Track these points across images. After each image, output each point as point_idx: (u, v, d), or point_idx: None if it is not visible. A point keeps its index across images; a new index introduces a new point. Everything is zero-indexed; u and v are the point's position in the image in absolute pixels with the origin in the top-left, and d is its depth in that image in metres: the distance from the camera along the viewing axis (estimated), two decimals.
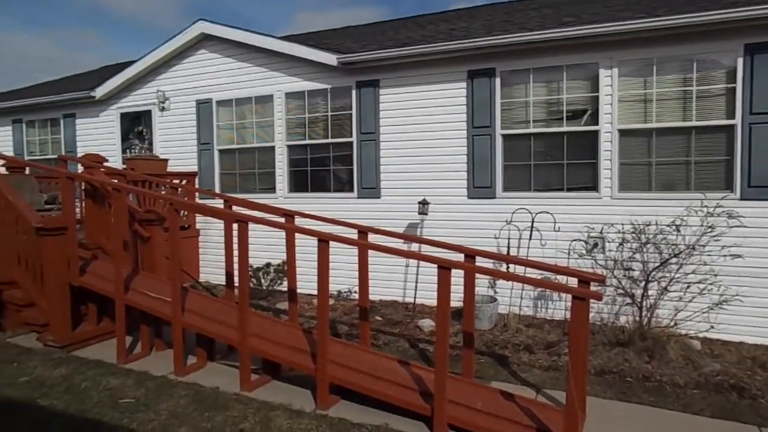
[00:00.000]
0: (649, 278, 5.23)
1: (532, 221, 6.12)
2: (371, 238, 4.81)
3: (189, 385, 4.27)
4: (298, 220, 5.25)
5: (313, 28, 12.31)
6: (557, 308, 6.21)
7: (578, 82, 6.20)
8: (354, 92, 7.36)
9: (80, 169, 7.35)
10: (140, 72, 9.00)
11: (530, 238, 6.11)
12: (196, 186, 8.55)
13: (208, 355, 4.86)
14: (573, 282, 3.53)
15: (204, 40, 8.48)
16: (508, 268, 5.91)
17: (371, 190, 7.31)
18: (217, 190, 8.43)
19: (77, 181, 6.29)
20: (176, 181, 8.16)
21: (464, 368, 4.22)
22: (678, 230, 5.23)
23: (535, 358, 4.96)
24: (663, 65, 5.79)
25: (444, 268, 3.45)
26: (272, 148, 8.04)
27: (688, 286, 5.24)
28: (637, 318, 5.25)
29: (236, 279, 5.06)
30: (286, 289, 5.65)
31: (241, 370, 4.27)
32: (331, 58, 7.19)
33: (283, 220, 5.13)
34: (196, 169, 8.65)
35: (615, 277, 5.43)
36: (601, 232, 5.89)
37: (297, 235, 4.81)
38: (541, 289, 6.27)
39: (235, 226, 4.40)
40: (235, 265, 5.01)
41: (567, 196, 6.25)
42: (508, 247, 6.19)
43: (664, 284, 5.20)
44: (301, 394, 4.14)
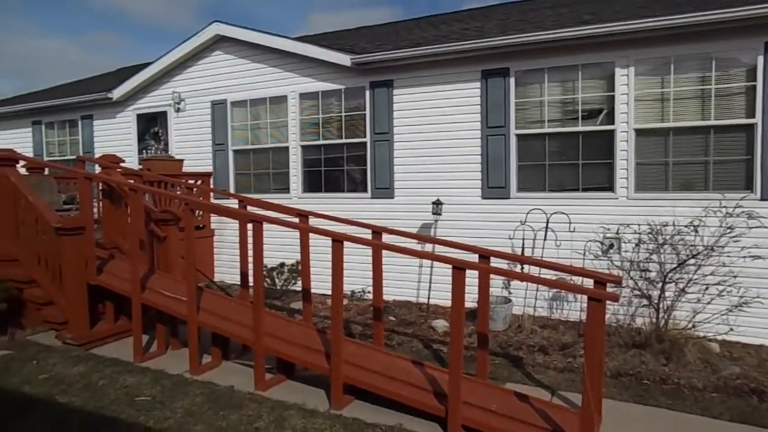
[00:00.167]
0: (667, 279, 5.17)
1: (547, 222, 6.07)
2: (385, 239, 4.81)
3: (204, 383, 4.31)
4: (312, 220, 5.27)
5: (327, 29, 12.35)
6: (572, 309, 6.16)
7: (594, 81, 6.14)
8: (368, 92, 7.37)
9: (98, 169, 7.46)
10: (156, 73, 9.10)
11: (545, 239, 6.06)
12: (211, 186, 8.63)
13: (223, 354, 4.89)
14: (588, 283, 3.50)
15: (219, 42, 8.55)
16: (523, 268, 5.87)
17: (385, 191, 7.31)
18: (232, 190, 8.50)
19: (95, 182, 6.37)
20: (191, 182, 8.25)
21: (478, 369, 4.20)
22: (696, 231, 5.16)
23: (549, 360, 4.92)
24: (681, 64, 5.71)
25: (458, 269, 3.44)
26: (286, 149, 8.08)
27: (706, 288, 5.16)
28: (653, 319, 5.19)
29: (251, 279, 5.09)
30: (300, 289, 5.67)
31: (255, 370, 4.30)
32: (344, 59, 7.21)
33: (297, 220, 5.15)
34: (211, 169, 8.72)
35: (631, 278, 5.37)
36: (617, 233, 5.82)
37: (311, 235, 4.83)
38: (556, 290, 6.22)
39: (250, 226, 4.42)
40: (250, 265, 5.04)
41: (582, 197, 6.20)
42: (523, 248, 6.15)
43: (681, 285, 5.13)
44: (315, 393, 4.15)
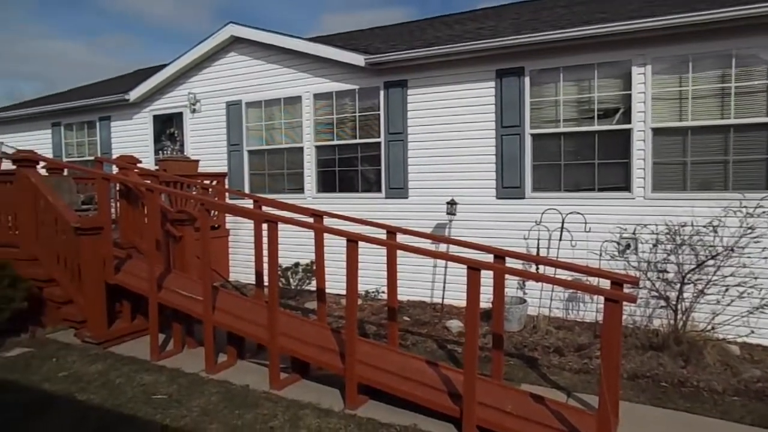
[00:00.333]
0: (685, 280, 5.10)
1: (562, 222, 6.02)
2: (399, 239, 4.81)
3: (220, 382, 4.34)
4: (327, 221, 5.28)
5: (340, 30, 12.36)
6: (588, 310, 6.10)
7: (610, 80, 6.08)
8: (382, 92, 7.37)
9: (115, 170, 7.55)
10: (172, 75, 9.19)
11: (560, 239, 6.01)
12: (226, 186, 8.69)
13: (238, 354, 4.93)
14: (604, 284, 3.46)
15: (234, 43, 8.62)
16: (538, 269, 5.83)
17: (399, 191, 7.31)
18: (247, 190, 8.55)
19: (112, 182, 6.46)
20: (207, 182, 8.32)
21: (493, 370, 4.18)
22: (715, 231, 5.09)
23: (565, 361, 4.88)
24: (699, 62, 5.62)
25: (473, 269, 3.43)
26: (300, 149, 8.11)
27: (726, 289, 5.08)
28: (671, 321, 5.12)
29: (266, 278, 5.12)
30: (314, 289, 5.70)
31: (270, 369, 4.32)
32: (358, 59, 7.22)
33: (311, 220, 5.17)
34: (225, 169, 8.79)
35: (648, 279, 5.31)
36: (633, 233, 5.76)
37: (325, 235, 4.84)
38: (572, 291, 6.17)
39: (265, 226, 4.45)
40: (265, 265, 5.07)
41: (598, 197, 6.13)
42: (538, 248, 6.11)
43: (700, 287, 5.05)
44: (329, 393, 4.16)
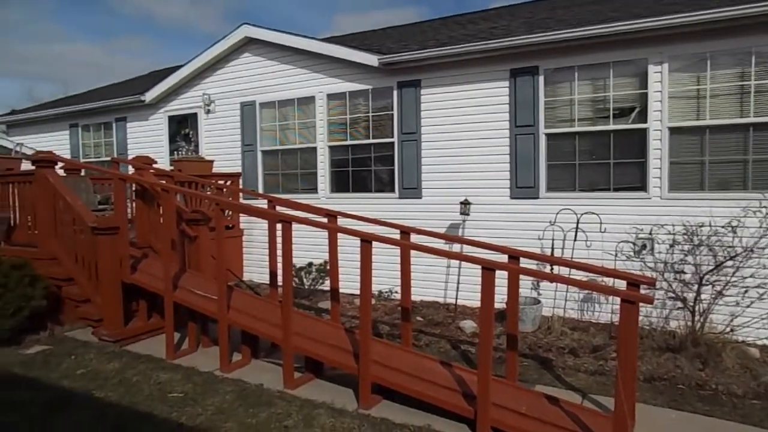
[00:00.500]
0: (703, 282, 5.02)
1: (577, 222, 5.97)
2: (413, 239, 4.81)
3: (234, 381, 4.38)
4: (340, 220, 5.29)
5: (352, 30, 12.38)
6: (603, 311, 6.04)
7: (626, 79, 6.01)
8: (395, 92, 7.37)
9: (131, 170, 7.64)
10: (187, 76, 9.28)
11: (575, 239, 5.96)
12: (240, 186, 8.75)
13: (253, 353, 4.96)
14: (620, 284, 3.43)
15: (248, 44, 8.67)
16: (552, 269, 5.79)
17: (412, 191, 7.30)
18: (260, 190, 8.60)
19: (128, 182, 6.53)
20: (221, 182, 8.38)
21: (507, 371, 4.16)
22: (734, 231, 5.00)
23: (580, 362, 4.84)
24: (718, 59, 5.54)
25: (488, 269, 3.41)
26: (314, 149, 8.14)
27: (745, 291, 5.00)
28: (689, 323, 5.05)
29: (279, 278, 5.14)
30: (327, 289, 5.71)
31: (284, 368, 4.34)
32: (372, 59, 7.22)
33: (325, 220, 5.18)
34: (240, 169, 8.85)
35: (665, 280, 5.23)
36: (650, 233, 5.69)
37: (339, 235, 4.85)
38: (587, 292, 6.11)
39: (279, 226, 4.47)
40: (279, 265, 5.10)
41: (613, 196, 6.07)
42: (552, 248, 6.07)
43: (718, 288, 4.97)
44: (343, 392, 4.17)
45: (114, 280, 5.35)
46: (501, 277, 3.74)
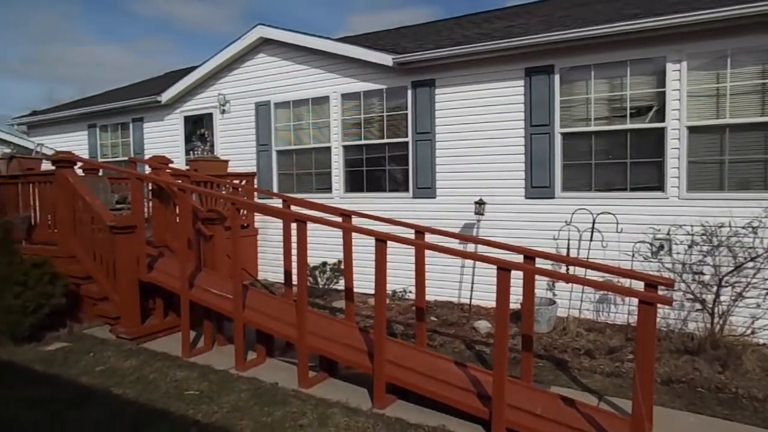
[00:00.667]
0: (722, 283, 4.94)
1: (593, 222, 5.91)
2: (427, 239, 4.80)
3: (249, 379, 4.40)
4: (354, 220, 5.30)
5: (366, 30, 12.40)
6: (619, 312, 5.97)
7: (643, 77, 5.94)
8: (409, 92, 7.36)
9: (148, 170, 7.73)
10: (202, 77, 9.36)
11: (591, 240, 5.90)
12: (255, 186, 8.81)
13: (267, 351, 4.98)
14: (637, 285, 3.38)
15: (263, 44, 8.72)
16: (568, 270, 5.74)
17: (426, 190, 7.29)
18: (275, 190, 8.65)
19: (145, 182, 6.61)
20: (236, 182, 8.45)
21: (523, 372, 4.13)
22: (755, 232, 4.92)
23: (596, 364, 4.79)
24: (738, 57, 5.45)
25: (503, 270, 3.39)
26: (328, 149, 8.16)
27: (767, 293, 4.91)
28: (708, 325, 4.97)
29: (294, 277, 5.16)
30: (342, 288, 5.72)
31: (299, 367, 4.36)
32: (386, 59, 7.22)
33: (340, 220, 5.20)
34: (254, 169, 8.91)
35: (683, 282, 5.16)
36: (667, 234, 5.61)
37: (353, 235, 4.85)
38: (603, 292, 6.05)
39: (294, 226, 4.49)
40: (293, 264, 5.12)
41: (630, 196, 6.00)
42: (568, 249, 6.01)
43: (738, 290, 4.89)
44: (357, 392, 4.18)
45: (131, 278, 5.42)
46: (516, 278, 3.72)
